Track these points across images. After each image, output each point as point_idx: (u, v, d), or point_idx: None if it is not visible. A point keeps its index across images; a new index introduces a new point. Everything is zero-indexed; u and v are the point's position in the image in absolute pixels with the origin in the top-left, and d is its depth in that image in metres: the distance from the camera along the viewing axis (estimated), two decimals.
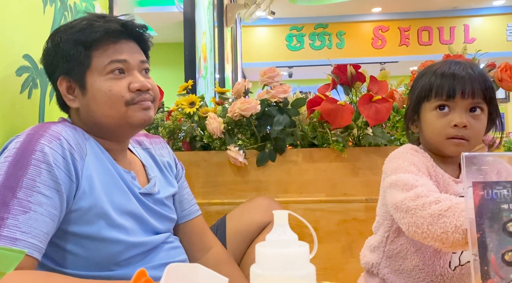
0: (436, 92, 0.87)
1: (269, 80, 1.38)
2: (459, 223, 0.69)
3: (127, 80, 0.83)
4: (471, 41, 5.99)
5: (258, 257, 0.44)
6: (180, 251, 0.95)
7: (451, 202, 0.72)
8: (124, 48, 0.84)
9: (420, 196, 0.77)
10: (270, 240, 0.45)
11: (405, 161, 0.88)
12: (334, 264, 1.34)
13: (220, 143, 1.39)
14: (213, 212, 1.34)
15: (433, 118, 0.88)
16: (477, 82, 0.85)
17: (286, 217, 0.46)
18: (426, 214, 0.74)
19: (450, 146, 0.87)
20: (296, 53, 6.50)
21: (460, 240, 0.70)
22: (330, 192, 1.41)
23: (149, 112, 0.86)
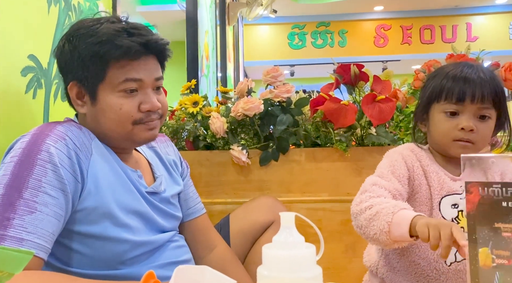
0: (447, 95, 0.88)
1: (272, 79, 1.38)
2: (381, 226, 0.78)
3: (139, 99, 0.82)
4: (473, 39, 5.97)
5: (265, 258, 0.45)
6: (185, 250, 0.95)
7: (379, 207, 0.81)
8: (141, 66, 0.82)
9: (362, 201, 0.86)
10: (277, 241, 0.45)
11: (387, 162, 0.94)
12: (337, 264, 1.34)
13: (223, 143, 1.39)
14: (216, 212, 1.34)
15: (441, 120, 0.90)
16: (487, 86, 0.86)
17: (293, 219, 0.46)
18: (362, 219, 0.84)
19: (455, 148, 0.89)
20: (298, 52, 6.49)
21: (386, 240, 0.79)
22: (333, 191, 1.41)
23: (154, 131, 0.86)
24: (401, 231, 0.76)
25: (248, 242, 1.10)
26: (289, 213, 0.46)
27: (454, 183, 0.91)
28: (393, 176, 0.90)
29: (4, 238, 0.65)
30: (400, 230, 0.76)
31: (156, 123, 0.86)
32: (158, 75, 0.87)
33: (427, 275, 0.92)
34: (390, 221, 0.77)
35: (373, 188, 0.88)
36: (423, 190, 0.91)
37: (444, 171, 0.93)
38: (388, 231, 0.77)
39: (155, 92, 0.86)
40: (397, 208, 0.79)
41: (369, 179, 0.93)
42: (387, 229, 0.77)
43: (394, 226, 0.77)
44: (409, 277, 0.94)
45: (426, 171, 0.92)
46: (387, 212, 0.79)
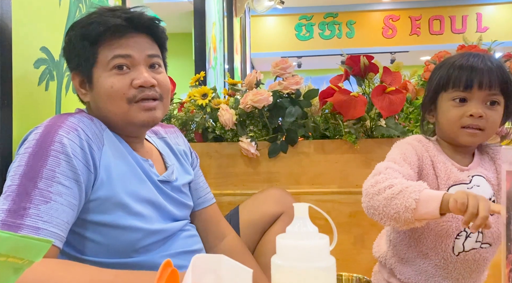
0: (454, 83, 0.89)
1: (281, 71, 1.37)
2: (408, 204, 0.78)
3: (131, 77, 0.82)
4: (483, 30, 5.88)
5: (279, 248, 0.45)
6: (197, 239, 0.96)
7: (402, 186, 0.80)
8: (129, 42, 0.83)
9: (378, 182, 0.85)
10: (290, 231, 0.46)
11: (397, 150, 0.93)
12: (346, 255, 1.35)
13: (232, 135, 1.39)
14: (225, 203, 1.35)
15: (449, 108, 0.91)
16: (494, 74, 0.87)
17: (306, 209, 0.46)
18: (381, 198, 0.82)
19: (464, 136, 0.90)
20: (305, 43, 6.45)
21: (410, 218, 0.78)
22: (342, 183, 1.41)
23: (153, 113, 0.84)
24: (429, 208, 0.76)
25: (258, 233, 1.11)
26: (302, 204, 0.46)
27: (461, 173, 0.92)
28: (405, 162, 0.90)
29: (21, 227, 0.67)
30: (429, 207, 0.76)
31: (154, 104, 0.84)
32: (152, 52, 0.86)
33: (435, 265, 0.92)
34: (418, 198, 0.77)
35: (388, 171, 0.87)
36: (430, 179, 0.92)
37: (451, 161, 0.93)
38: (414, 208, 0.77)
39: (150, 70, 0.86)
40: (422, 187, 0.79)
41: (382, 164, 0.92)
42: (414, 206, 0.77)
43: (422, 203, 0.77)
44: (417, 267, 0.94)
45: (433, 162, 0.93)
46: (413, 190, 0.78)
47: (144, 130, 0.91)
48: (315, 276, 0.43)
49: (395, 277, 0.98)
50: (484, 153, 0.98)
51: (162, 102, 0.87)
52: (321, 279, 0.43)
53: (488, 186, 0.93)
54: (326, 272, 0.44)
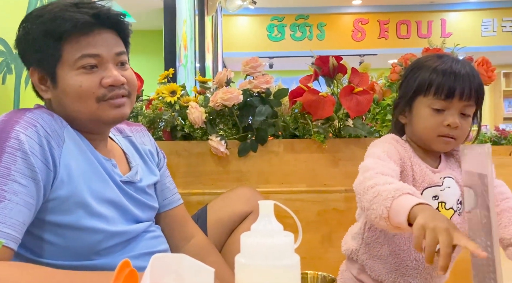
0: (436, 90, 0.88)
1: (251, 70, 1.37)
2: (380, 211, 0.74)
3: (100, 75, 0.80)
4: (447, 35, 6.11)
5: (243, 246, 0.44)
6: (162, 240, 0.94)
7: (381, 188, 0.76)
8: (97, 40, 0.80)
9: (366, 179, 0.81)
10: (255, 229, 0.45)
11: (379, 149, 0.91)
12: (313, 254, 1.36)
13: (202, 133, 1.37)
14: (194, 202, 1.33)
15: (427, 115, 0.90)
16: (474, 83, 0.87)
17: (271, 207, 0.46)
18: (365, 200, 0.79)
19: (439, 143, 0.91)
20: (277, 44, 6.48)
21: (386, 226, 0.75)
22: (310, 182, 1.42)
23: (122, 109, 0.83)
24: (399, 220, 0.71)
25: (226, 232, 1.10)
26: (268, 202, 0.46)
27: (434, 175, 0.93)
28: (389, 159, 0.89)
29: None
30: (398, 219, 0.71)
31: (123, 101, 0.83)
32: (119, 49, 0.84)
33: (406, 265, 0.94)
34: (389, 206, 0.72)
35: (377, 165, 0.84)
36: (409, 181, 0.91)
37: (425, 164, 0.94)
38: (387, 217, 0.73)
39: (118, 68, 0.83)
40: (398, 192, 0.73)
41: (369, 160, 0.88)
42: (386, 215, 0.73)
43: (393, 213, 0.72)
44: (388, 265, 0.95)
45: (412, 163, 0.93)
46: (387, 196, 0.73)
47: (111, 127, 0.89)
48: (279, 274, 0.42)
49: (365, 274, 0.99)
50: (450, 155, 1.00)
51: (130, 98, 0.86)
52: (285, 277, 0.42)
53: (457, 187, 0.94)
54: (290, 270, 0.43)
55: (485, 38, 6.22)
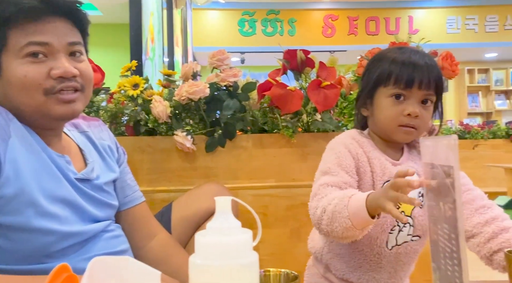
0: (395, 80, 0.88)
1: (218, 63, 1.33)
2: (344, 224, 0.77)
3: (48, 66, 0.74)
4: (414, 32, 6.25)
5: (198, 246, 0.42)
6: (122, 239, 0.90)
7: (332, 207, 0.80)
8: (47, 28, 0.75)
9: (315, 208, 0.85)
10: (211, 228, 0.42)
11: (333, 154, 0.92)
12: (282, 249, 1.34)
13: (167, 128, 1.33)
14: (159, 200, 1.29)
15: (387, 105, 0.90)
16: (432, 73, 0.88)
17: (228, 203, 0.43)
18: (324, 227, 0.82)
19: (400, 133, 0.90)
20: (248, 39, 6.44)
21: (355, 233, 0.79)
22: (279, 177, 1.40)
23: (73, 105, 0.77)
24: (362, 218, 0.75)
25: (191, 230, 1.07)
26: (224, 198, 0.43)
27: (394, 168, 0.93)
28: (340, 168, 0.89)
29: None
30: (361, 218, 0.75)
31: (74, 96, 0.77)
32: (72, 39, 0.78)
33: (370, 260, 0.93)
34: (348, 215, 0.76)
35: (321, 190, 0.87)
36: (367, 176, 0.91)
37: (385, 157, 0.93)
38: (351, 225, 0.77)
39: (72, 59, 0.78)
40: (345, 199, 0.78)
41: (318, 180, 0.91)
42: (350, 224, 0.76)
43: (354, 217, 0.76)
44: (353, 263, 0.95)
45: (369, 158, 0.92)
46: (340, 209, 0.78)
47: (62, 123, 0.83)
48: (236, 274, 0.40)
49: (330, 272, 0.98)
50: (412, 147, 1.00)
51: (83, 93, 0.80)
52: (242, 276, 0.40)
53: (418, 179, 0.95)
54: (248, 269, 0.41)
55: (450, 35, 6.42)
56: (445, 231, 0.63)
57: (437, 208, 0.62)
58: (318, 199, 0.86)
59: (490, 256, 0.82)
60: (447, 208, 0.63)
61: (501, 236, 0.81)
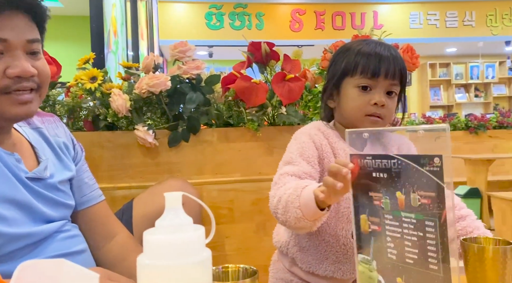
0: (362, 70, 0.89)
1: (180, 54, 1.30)
2: (296, 214, 0.77)
3: (4, 63, 0.70)
4: (379, 27, 6.38)
5: (146, 245, 0.39)
6: (78, 240, 0.86)
7: (286, 197, 0.80)
8: (6, 23, 0.70)
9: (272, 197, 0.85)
10: (160, 225, 0.40)
11: (296, 144, 0.93)
12: (248, 244, 1.33)
13: (127, 123, 1.28)
14: (120, 197, 1.25)
15: (354, 95, 0.91)
16: (397, 63, 0.89)
17: (179, 199, 0.41)
18: (280, 215, 0.82)
19: (366, 123, 0.91)
20: (216, 32, 6.36)
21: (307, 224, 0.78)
22: (245, 172, 1.39)
23: (29, 106, 0.74)
24: (311, 210, 0.75)
25: None
26: (174, 194, 0.41)
27: None
28: (302, 158, 0.89)
29: None
30: (311, 209, 0.75)
31: (30, 97, 0.74)
32: (32, 37, 0.74)
33: (336, 251, 0.94)
34: (299, 205, 0.76)
35: (280, 179, 0.87)
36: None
37: (350, 147, 0.94)
38: (303, 216, 0.76)
39: (29, 57, 0.74)
40: (299, 190, 0.78)
41: (279, 170, 0.91)
42: (300, 214, 0.76)
43: (305, 208, 0.75)
44: (319, 255, 0.95)
45: (334, 148, 0.93)
46: (293, 199, 0.77)
47: (15, 122, 0.78)
48: (188, 273, 0.38)
49: (296, 266, 0.98)
50: (375, 138, 1.01)
51: (39, 92, 0.76)
52: (194, 275, 0.38)
53: None
54: (200, 267, 0.39)
55: (412, 30, 6.59)
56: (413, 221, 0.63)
57: (393, 197, 0.62)
58: (277, 188, 0.86)
59: None
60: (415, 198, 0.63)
61: (458, 224, 0.83)
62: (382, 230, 0.60)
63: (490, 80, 8.06)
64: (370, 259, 0.57)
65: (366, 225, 0.61)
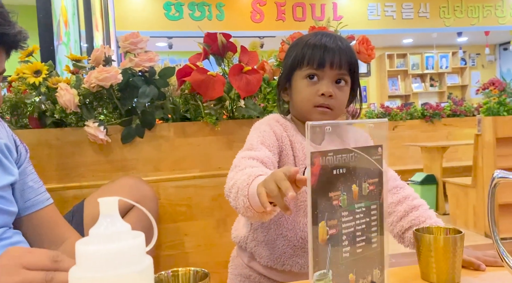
0: (308, 61, 0.89)
1: (131, 46, 1.24)
2: (243, 202, 0.73)
3: None
4: (339, 18, 6.46)
5: (79, 257, 0.36)
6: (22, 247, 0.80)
7: (239, 183, 0.75)
8: None
9: (229, 179, 0.81)
10: (94, 234, 0.37)
11: (256, 134, 0.91)
12: (208, 241, 1.31)
13: (77, 119, 1.21)
14: (71, 197, 1.18)
15: (303, 86, 0.91)
16: (344, 54, 0.89)
17: (115, 205, 0.38)
18: (231, 200, 0.78)
19: (315, 114, 0.91)
20: (175, 23, 6.21)
21: (254, 214, 0.74)
22: (204, 167, 1.36)
23: None
24: (257, 201, 0.69)
25: None
26: (109, 199, 0.37)
27: None
28: (263, 145, 0.88)
29: None
30: (257, 202, 0.69)
31: None
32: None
33: (293, 245, 0.93)
34: (247, 194, 0.71)
35: (241, 162, 0.83)
36: (289, 160, 0.91)
37: (309, 142, 0.93)
38: (250, 205, 0.71)
39: None
40: (251, 178, 0.72)
41: (238, 154, 0.88)
42: (247, 203, 0.71)
43: (252, 198, 0.71)
44: (276, 249, 0.94)
45: (292, 141, 0.92)
46: (243, 186, 0.73)
47: None
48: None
49: (255, 261, 0.97)
50: (333, 131, 1.01)
51: None
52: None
53: None
54: (140, 276, 0.36)
55: (371, 21, 6.73)
56: (363, 209, 0.63)
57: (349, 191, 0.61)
58: (236, 171, 0.81)
59: (402, 234, 0.85)
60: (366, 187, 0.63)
61: (411, 214, 0.85)
62: (339, 231, 0.58)
63: (444, 70, 8.41)
64: (326, 272, 0.54)
65: (324, 233, 0.55)
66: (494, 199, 0.59)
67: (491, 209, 0.60)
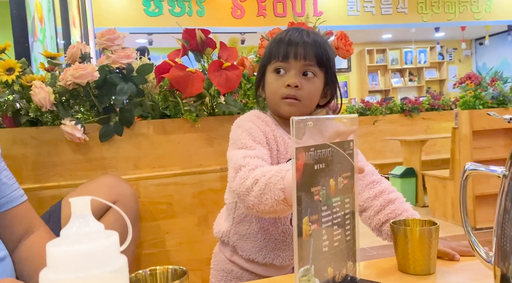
0: (274, 56, 0.92)
1: (108, 43, 1.21)
2: (276, 196, 0.74)
3: None
4: (319, 14, 6.49)
5: (50, 258, 0.35)
6: None
7: (266, 178, 0.77)
8: None
9: (243, 179, 0.80)
10: (66, 235, 0.36)
11: (243, 131, 0.90)
12: (190, 238, 1.30)
13: (53, 117, 1.19)
14: (48, 198, 1.16)
15: (271, 80, 0.93)
16: (309, 46, 0.90)
17: (87, 204, 0.37)
18: (252, 198, 0.78)
19: (284, 106, 0.92)
20: (155, 19, 6.12)
21: (285, 207, 0.75)
22: (185, 164, 1.35)
23: None
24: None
25: None
26: (81, 199, 0.37)
27: None
28: (256, 143, 0.88)
29: None
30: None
31: None
32: None
33: (275, 239, 0.94)
34: (284, 187, 0.73)
35: (247, 161, 0.83)
36: (273, 154, 0.92)
37: (288, 135, 0.94)
38: (284, 198, 0.73)
39: None
40: (283, 172, 0.75)
41: (237, 154, 0.86)
42: (282, 196, 0.73)
43: (288, 190, 0.73)
44: (258, 243, 0.95)
45: (275, 136, 0.93)
46: (276, 180, 0.74)
47: None
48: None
49: (237, 255, 0.97)
50: (314, 126, 1.02)
51: None
52: None
53: None
54: (115, 276, 0.36)
55: (351, 17, 6.78)
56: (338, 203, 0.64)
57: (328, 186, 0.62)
58: (248, 169, 0.81)
59: (379, 227, 0.87)
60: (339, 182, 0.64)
61: (388, 207, 0.87)
62: (320, 226, 0.59)
63: (423, 65, 8.56)
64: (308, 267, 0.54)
65: (307, 229, 0.56)
66: (465, 191, 0.61)
67: (463, 200, 0.62)
